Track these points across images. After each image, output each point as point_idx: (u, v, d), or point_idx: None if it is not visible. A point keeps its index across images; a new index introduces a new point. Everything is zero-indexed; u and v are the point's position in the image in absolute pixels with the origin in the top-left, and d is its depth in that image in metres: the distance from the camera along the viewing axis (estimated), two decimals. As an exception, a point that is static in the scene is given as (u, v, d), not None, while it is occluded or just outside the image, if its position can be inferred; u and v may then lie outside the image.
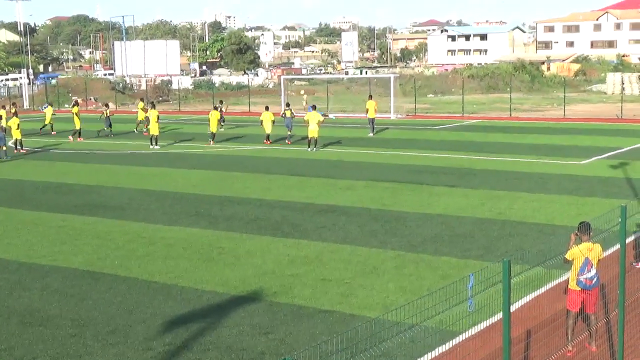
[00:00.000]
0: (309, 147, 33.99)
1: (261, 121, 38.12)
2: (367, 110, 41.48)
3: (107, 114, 42.58)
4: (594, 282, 10.34)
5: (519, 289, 12.07)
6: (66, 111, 63.42)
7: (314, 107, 35.75)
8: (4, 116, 37.72)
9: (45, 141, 40.55)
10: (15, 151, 35.65)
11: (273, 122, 37.73)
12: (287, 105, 41.25)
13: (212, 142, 37.57)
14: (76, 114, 41.48)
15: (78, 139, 40.57)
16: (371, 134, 40.61)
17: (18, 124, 35.89)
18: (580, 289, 10.39)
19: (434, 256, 15.70)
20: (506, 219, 19.17)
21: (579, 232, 10.50)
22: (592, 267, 10.30)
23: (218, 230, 18.49)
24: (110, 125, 42.68)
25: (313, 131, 33.67)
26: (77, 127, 40.79)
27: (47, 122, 45.16)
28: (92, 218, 20.24)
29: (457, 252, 15.97)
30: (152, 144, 36.34)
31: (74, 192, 24.42)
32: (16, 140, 35.97)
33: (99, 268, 15.30)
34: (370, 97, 43.14)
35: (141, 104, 46.36)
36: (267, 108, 38.97)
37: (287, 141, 37.40)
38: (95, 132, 43.16)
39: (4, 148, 33.12)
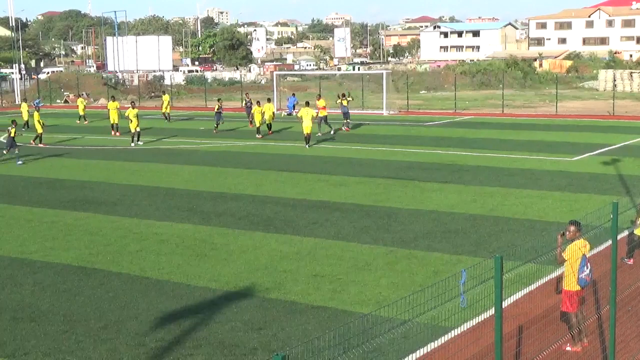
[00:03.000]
0: (307, 143, 33.77)
1: (263, 112, 39.34)
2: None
3: (217, 108, 41.16)
4: (590, 277, 10.36)
5: (511, 285, 12.12)
6: (57, 107, 63.21)
7: (307, 104, 35.66)
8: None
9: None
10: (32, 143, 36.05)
11: (273, 113, 39.67)
12: (293, 95, 42.63)
13: (259, 136, 38.39)
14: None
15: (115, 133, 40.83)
16: (332, 132, 39.19)
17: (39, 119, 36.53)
18: (581, 287, 10.35)
19: (426, 252, 15.73)
20: (498, 215, 19.21)
21: (572, 230, 10.44)
22: (588, 263, 10.31)
23: (210, 226, 18.47)
24: (221, 121, 40.82)
25: (307, 127, 33.59)
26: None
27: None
28: (84, 214, 20.20)
29: (449, 248, 16.00)
30: (133, 141, 35.97)
31: (65, 188, 24.37)
32: (37, 135, 36.53)
33: (91, 264, 15.28)
34: (319, 96, 42.08)
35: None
36: (269, 100, 41.12)
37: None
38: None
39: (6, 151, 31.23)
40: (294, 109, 49.24)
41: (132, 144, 35.66)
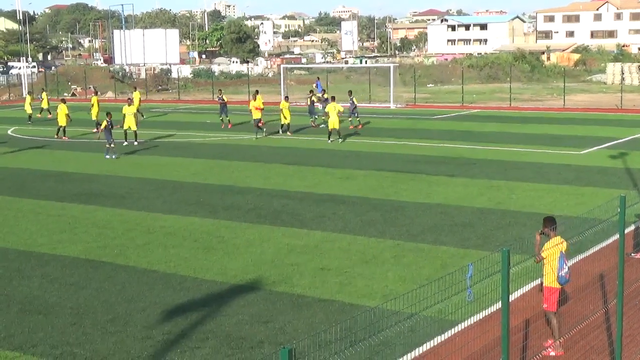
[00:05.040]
0: (329, 138, 33.34)
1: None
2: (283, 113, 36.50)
3: (308, 102, 39.97)
4: (569, 275, 10.23)
5: (517, 278, 12.09)
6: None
7: (333, 99, 35.14)
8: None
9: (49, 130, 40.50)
10: (56, 137, 36.19)
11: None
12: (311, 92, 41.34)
13: (289, 133, 36.55)
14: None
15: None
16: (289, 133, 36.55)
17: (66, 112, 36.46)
18: (561, 285, 10.27)
19: (433, 245, 15.72)
20: (505, 208, 19.18)
21: (547, 228, 10.37)
22: (566, 260, 10.24)
23: (217, 219, 18.49)
24: (312, 113, 39.50)
25: (334, 122, 33.19)
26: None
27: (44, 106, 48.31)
28: (92, 207, 20.24)
29: (456, 242, 15.99)
30: (127, 140, 33.63)
31: (73, 181, 24.42)
32: (59, 127, 36.59)
33: (98, 257, 15.32)
34: (257, 93, 37.48)
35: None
36: (257, 92, 37.82)
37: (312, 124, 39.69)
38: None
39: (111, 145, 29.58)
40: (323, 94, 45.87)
41: (135, 142, 33.46)
